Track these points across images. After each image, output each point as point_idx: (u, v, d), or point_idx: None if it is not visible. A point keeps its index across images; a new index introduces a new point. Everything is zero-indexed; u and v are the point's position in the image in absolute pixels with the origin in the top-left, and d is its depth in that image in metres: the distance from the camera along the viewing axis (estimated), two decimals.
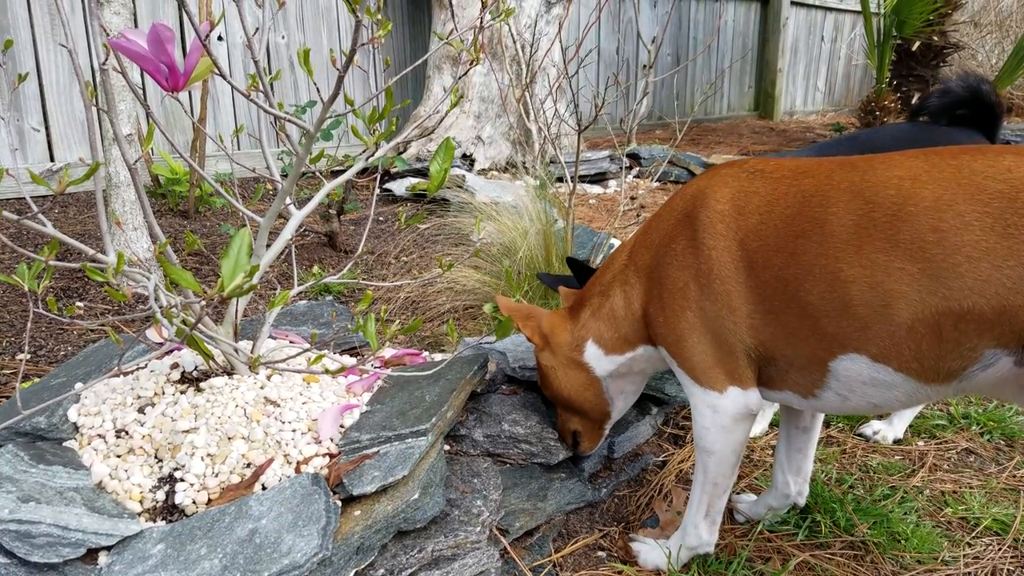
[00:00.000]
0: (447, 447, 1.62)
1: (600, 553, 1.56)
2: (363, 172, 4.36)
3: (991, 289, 0.99)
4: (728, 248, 1.24)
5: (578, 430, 1.62)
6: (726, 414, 1.31)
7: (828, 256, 1.12)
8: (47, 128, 3.82)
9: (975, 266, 1.00)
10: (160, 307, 1.24)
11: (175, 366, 1.59)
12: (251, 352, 1.61)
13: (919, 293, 1.04)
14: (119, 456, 1.38)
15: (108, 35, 1.25)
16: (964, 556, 1.53)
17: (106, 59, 1.36)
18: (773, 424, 2.04)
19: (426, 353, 1.90)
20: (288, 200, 1.67)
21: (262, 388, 1.52)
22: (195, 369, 1.59)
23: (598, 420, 1.60)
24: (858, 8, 7.04)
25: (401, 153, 4.77)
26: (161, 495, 1.31)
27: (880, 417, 2.03)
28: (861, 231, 1.09)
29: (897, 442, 1.97)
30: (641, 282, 1.41)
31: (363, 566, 1.24)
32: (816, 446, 1.59)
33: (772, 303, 1.20)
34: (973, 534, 1.60)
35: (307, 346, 1.67)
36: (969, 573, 1.48)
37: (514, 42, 4.80)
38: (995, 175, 1.01)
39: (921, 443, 1.97)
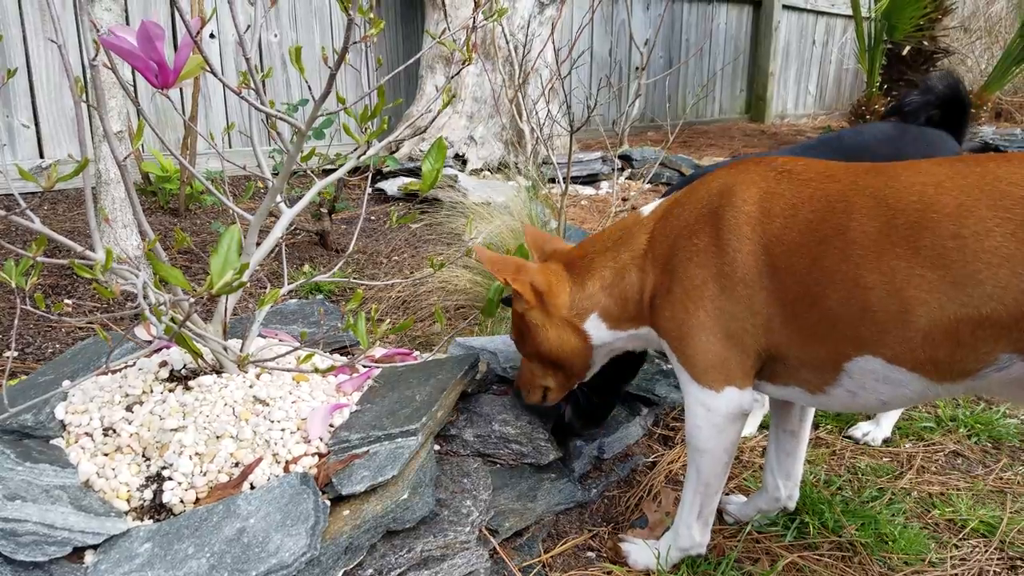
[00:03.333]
0: (437, 447, 1.62)
1: (589, 553, 1.56)
2: (355, 171, 4.35)
3: (1010, 295, 0.99)
4: (754, 252, 1.23)
5: (550, 386, 1.58)
6: (719, 413, 1.31)
7: (849, 262, 1.12)
8: (37, 124, 3.79)
9: (995, 272, 1.00)
10: (148, 304, 1.24)
11: (163, 364, 1.58)
12: (240, 351, 1.60)
13: (938, 300, 1.04)
14: (106, 454, 1.38)
15: (98, 31, 1.24)
16: (951, 558, 1.54)
17: (96, 55, 1.35)
18: (763, 426, 2.04)
19: (417, 352, 1.90)
20: (279, 198, 1.66)
21: (251, 387, 1.51)
22: (184, 367, 1.58)
23: (574, 379, 1.57)
24: (849, 12, 7.08)
25: (393, 152, 4.76)
26: (148, 494, 1.31)
27: (868, 418, 2.04)
28: (883, 238, 1.09)
29: (886, 442, 1.98)
30: (655, 271, 1.38)
31: (352, 566, 1.24)
32: (806, 449, 1.60)
33: (792, 307, 1.20)
34: (960, 536, 1.61)
35: (297, 345, 1.66)
36: (956, 575, 1.49)
37: (507, 43, 4.80)
38: (1018, 181, 1.01)
39: (909, 445, 1.98)
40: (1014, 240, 0.99)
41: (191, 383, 1.50)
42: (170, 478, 1.32)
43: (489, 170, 5.00)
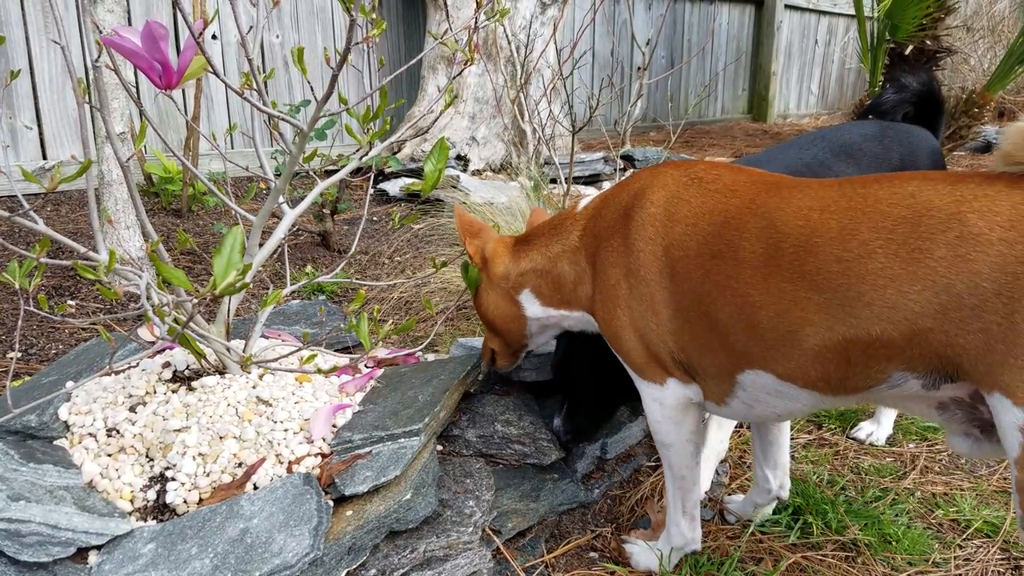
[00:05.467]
0: (440, 447, 1.62)
1: (592, 554, 1.56)
2: (357, 172, 4.35)
3: (899, 315, 0.99)
4: (654, 252, 1.27)
5: (496, 350, 1.67)
6: (670, 406, 1.35)
7: (739, 280, 1.14)
8: (40, 126, 3.80)
9: (881, 294, 0.99)
10: (152, 305, 1.24)
11: (167, 365, 1.58)
12: (243, 351, 1.60)
13: (826, 321, 1.05)
14: (110, 455, 1.38)
15: (101, 32, 1.24)
16: (955, 558, 1.53)
17: (98, 56, 1.35)
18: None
19: (419, 353, 1.90)
20: (281, 199, 1.66)
21: (254, 387, 1.52)
22: (187, 368, 1.58)
23: (515, 348, 1.66)
24: (852, 12, 7.07)
25: (396, 153, 4.76)
26: (152, 494, 1.31)
27: (869, 417, 2.04)
28: (770, 260, 1.10)
29: (890, 441, 1.98)
30: (590, 268, 1.43)
31: (355, 566, 1.24)
32: (790, 437, 1.60)
33: (688, 313, 1.23)
34: (964, 536, 1.60)
35: (299, 345, 1.67)
36: (960, 575, 1.49)
37: (509, 43, 4.80)
38: (899, 201, 1.01)
39: (912, 446, 1.98)
40: (897, 260, 0.98)
41: (194, 384, 1.51)
42: (173, 479, 1.32)
43: (491, 170, 5.01)
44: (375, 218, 4.00)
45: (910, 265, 0.98)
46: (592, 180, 5.12)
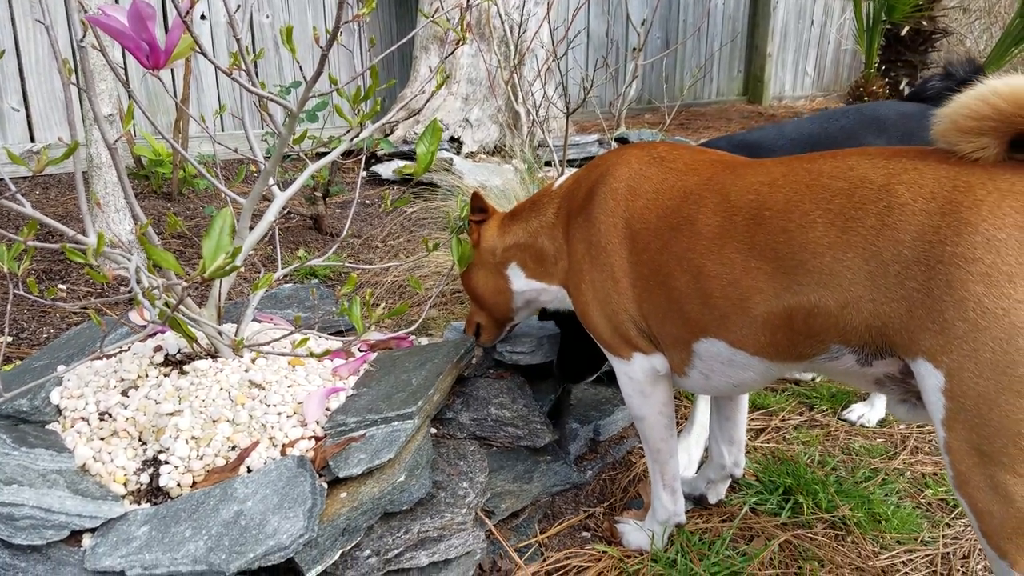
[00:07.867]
0: (434, 430, 1.63)
1: (585, 534, 1.57)
2: (349, 154, 4.32)
3: (835, 281, 1.04)
4: (615, 224, 1.33)
5: (481, 324, 1.74)
6: (638, 380, 1.40)
7: (695, 252, 1.20)
8: (27, 108, 3.76)
9: (820, 261, 1.05)
10: (142, 289, 1.23)
11: (158, 349, 1.58)
12: (235, 335, 1.60)
13: (773, 289, 1.11)
14: (102, 439, 1.38)
15: (86, 11, 1.22)
16: (943, 536, 1.55)
17: (83, 36, 1.33)
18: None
19: (413, 337, 1.90)
20: (272, 181, 1.65)
21: (247, 371, 1.51)
22: (179, 352, 1.58)
23: (500, 321, 1.72)
24: None
25: (388, 135, 4.73)
26: (145, 478, 1.31)
27: (862, 400, 2.05)
28: (724, 232, 1.16)
29: (881, 423, 1.99)
30: (566, 245, 1.48)
31: (349, 547, 1.24)
32: (746, 415, 1.63)
33: (647, 282, 1.29)
34: (952, 515, 1.62)
35: (291, 329, 1.66)
36: (947, 553, 1.51)
37: (502, 23, 4.76)
38: (838, 174, 1.06)
39: (903, 426, 1.99)
40: (834, 229, 1.03)
41: (186, 367, 1.50)
42: (167, 462, 1.32)
43: (485, 153, 4.98)
44: (368, 201, 3.98)
45: (844, 234, 1.02)
46: (586, 163, 5.09)
